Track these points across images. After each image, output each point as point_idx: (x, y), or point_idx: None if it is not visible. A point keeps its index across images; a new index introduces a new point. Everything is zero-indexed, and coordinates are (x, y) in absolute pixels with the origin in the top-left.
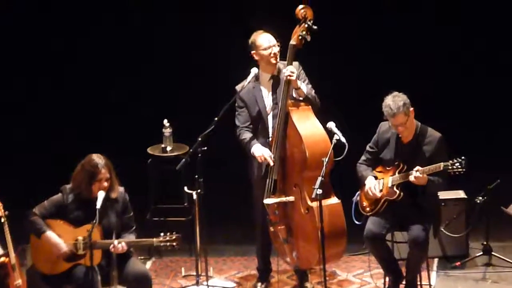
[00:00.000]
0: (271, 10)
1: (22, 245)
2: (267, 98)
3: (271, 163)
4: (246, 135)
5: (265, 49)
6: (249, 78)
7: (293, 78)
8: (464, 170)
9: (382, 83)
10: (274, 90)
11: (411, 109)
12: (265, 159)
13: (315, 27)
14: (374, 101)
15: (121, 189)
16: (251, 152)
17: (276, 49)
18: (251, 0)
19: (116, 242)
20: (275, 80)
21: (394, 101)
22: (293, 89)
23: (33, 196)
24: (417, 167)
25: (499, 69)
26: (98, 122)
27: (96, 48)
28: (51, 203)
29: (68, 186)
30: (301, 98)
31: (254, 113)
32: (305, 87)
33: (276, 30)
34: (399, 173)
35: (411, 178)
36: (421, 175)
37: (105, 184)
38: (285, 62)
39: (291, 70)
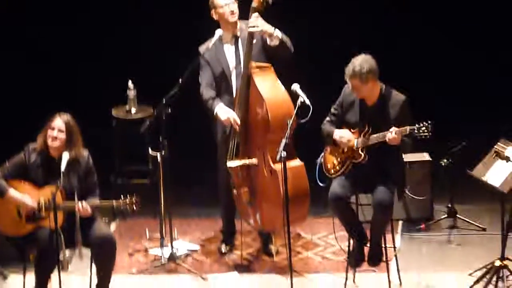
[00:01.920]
0: None
1: None
2: (230, 57)
3: (237, 127)
4: (210, 95)
5: (221, 6)
6: (214, 39)
7: (257, 29)
8: (430, 134)
9: (353, 43)
10: (236, 49)
11: (373, 79)
12: (230, 122)
13: None
14: (340, 62)
15: (85, 152)
16: (215, 112)
17: (234, 6)
18: None
19: (79, 204)
20: (238, 39)
21: (359, 63)
22: (268, 37)
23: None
24: (393, 128)
25: (473, 36)
26: (64, 83)
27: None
28: (13, 162)
29: (32, 145)
30: (276, 43)
31: (218, 72)
32: (279, 31)
33: None
34: (363, 135)
35: (388, 137)
36: (397, 136)
37: (57, 134)
38: (247, 21)
39: (253, 22)
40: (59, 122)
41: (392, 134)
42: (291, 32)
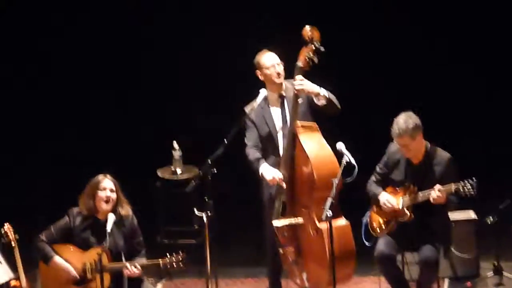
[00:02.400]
0: (279, 30)
1: (32, 269)
2: (276, 117)
3: (283, 185)
4: (255, 156)
5: (268, 68)
6: (258, 100)
7: (304, 88)
8: (475, 191)
9: (395, 102)
10: (282, 109)
11: (420, 135)
12: (275, 181)
13: (322, 49)
14: (385, 120)
15: (130, 212)
16: (260, 173)
17: (280, 68)
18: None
19: (128, 264)
20: (283, 99)
21: (404, 121)
22: (314, 97)
23: (42, 220)
24: (438, 186)
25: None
26: (109, 143)
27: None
28: (58, 227)
29: (75, 209)
30: (324, 102)
31: (264, 133)
32: (324, 90)
33: (285, 49)
34: (409, 194)
35: (432, 196)
36: (441, 195)
37: (109, 194)
38: (293, 81)
39: (299, 81)
40: (109, 182)
41: (436, 193)
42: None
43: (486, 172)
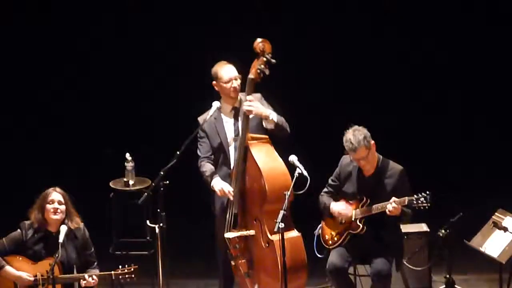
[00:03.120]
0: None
1: None
2: (229, 129)
3: (231, 198)
4: (207, 167)
5: (225, 82)
6: (211, 111)
7: (252, 111)
8: (429, 204)
9: (345, 116)
10: (235, 122)
11: (372, 142)
12: (224, 193)
13: (273, 60)
14: (335, 134)
15: (81, 225)
16: (211, 185)
17: (236, 83)
18: (214, 29)
19: (86, 275)
20: (237, 111)
21: (354, 135)
22: (263, 120)
23: None
24: (394, 198)
25: (465, 105)
26: (59, 155)
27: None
28: (9, 239)
29: (27, 222)
30: (271, 127)
31: (216, 144)
32: (275, 115)
33: (240, 61)
34: (361, 206)
35: (388, 208)
36: (397, 206)
37: (57, 205)
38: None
39: (248, 104)
40: (57, 195)
41: (392, 205)
42: (289, 101)
43: (439, 185)
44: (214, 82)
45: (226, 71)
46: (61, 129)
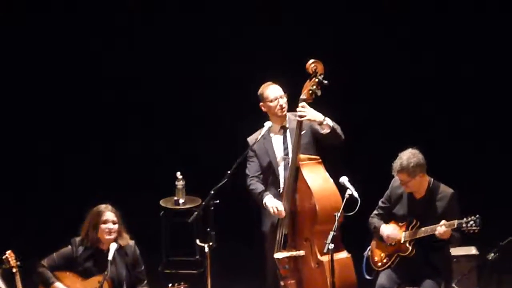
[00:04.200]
0: (284, 63)
1: None
2: (278, 149)
3: (282, 216)
4: (257, 186)
5: (271, 101)
6: (263, 131)
7: (307, 116)
8: (478, 228)
9: (402, 137)
10: (284, 141)
11: (421, 174)
12: (278, 212)
13: (325, 81)
14: (390, 155)
15: (131, 242)
16: (264, 203)
17: (283, 101)
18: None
19: None
20: (286, 130)
21: (407, 158)
22: (318, 125)
23: (44, 247)
24: (443, 221)
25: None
26: (113, 172)
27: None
28: (60, 255)
29: (78, 238)
30: (327, 131)
31: (265, 163)
32: (329, 120)
33: (288, 81)
34: (411, 229)
35: (438, 231)
36: (447, 229)
37: (111, 226)
38: (295, 113)
39: (300, 109)
40: (111, 214)
41: (442, 228)
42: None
43: (489, 209)
44: (261, 103)
45: (271, 91)
46: (114, 144)
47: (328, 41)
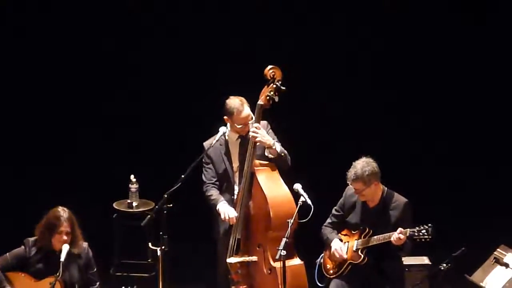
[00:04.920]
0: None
1: None
2: (234, 156)
3: (233, 223)
4: (212, 192)
5: (238, 121)
6: (217, 136)
7: (258, 139)
8: (430, 237)
9: (354, 144)
10: (241, 149)
11: (375, 182)
12: (228, 218)
13: (283, 88)
14: (343, 163)
15: (85, 244)
16: (217, 209)
17: (249, 126)
18: (224, 58)
19: None
20: (243, 139)
21: (361, 167)
22: (266, 148)
23: None
24: (400, 229)
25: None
26: (65, 174)
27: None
28: (13, 255)
29: (31, 239)
30: (273, 156)
31: (220, 170)
32: (279, 146)
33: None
34: (364, 237)
35: (394, 237)
36: (403, 236)
37: (65, 237)
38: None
39: (255, 131)
40: (67, 226)
41: (397, 235)
42: (295, 130)
43: (443, 219)
44: (225, 117)
45: (243, 117)
46: (70, 148)
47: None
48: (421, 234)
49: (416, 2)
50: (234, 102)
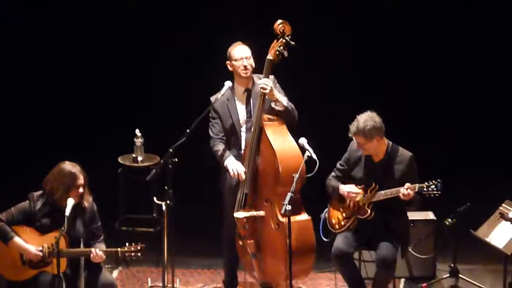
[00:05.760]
0: (252, 23)
1: None
2: (241, 110)
3: (241, 179)
4: (220, 147)
5: (236, 60)
6: (223, 90)
7: (267, 91)
8: (439, 192)
9: (359, 99)
10: (248, 103)
11: (377, 137)
12: (237, 174)
13: (292, 42)
14: (348, 117)
15: (90, 198)
16: (225, 164)
17: (247, 62)
18: (234, 13)
19: (97, 250)
20: (250, 93)
21: (364, 120)
22: (272, 101)
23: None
24: (407, 184)
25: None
26: (71, 129)
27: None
28: (18, 209)
29: (36, 194)
30: (280, 109)
31: (228, 125)
32: (285, 99)
33: (258, 43)
34: (370, 192)
35: (402, 193)
36: (412, 192)
37: (81, 190)
38: (261, 76)
39: (265, 82)
40: (82, 179)
41: (405, 191)
42: (301, 86)
43: (448, 174)
44: (227, 62)
45: (238, 50)
46: (73, 103)
47: None
48: (429, 189)
49: None
50: (232, 44)
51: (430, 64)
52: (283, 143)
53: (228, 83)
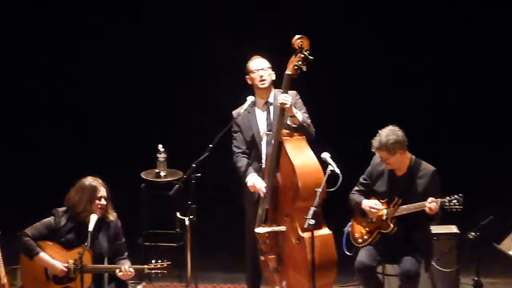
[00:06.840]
0: (272, 38)
1: (12, 265)
2: (261, 123)
3: (261, 194)
4: (242, 163)
5: (253, 72)
6: (245, 105)
7: (287, 105)
8: (461, 207)
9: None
10: (268, 116)
11: (400, 151)
12: (255, 189)
13: (311, 57)
14: (371, 132)
15: (114, 214)
16: (246, 181)
17: (264, 73)
18: (252, 28)
19: (126, 266)
20: (270, 106)
21: (386, 135)
22: (288, 117)
23: (25, 218)
24: (430, 198)
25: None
26: (94, 144)
27: (92, 76)
28: (43, 225)
29: (61, 209)
30: (295, 126)
31: (248, 137)
32: (300, 115)
33: (277, 57)
34: (393, 206)
35: (428, 207)
36: (437, 205)
37: (103, 201)
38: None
39: (283, 98)
40: (104, 191)
41: (430, 204)
42: (323, 101)
43: (471, 188)
44: (247, 76)
45: (254, 63)
46: (97, 119)
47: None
48: (451, 204)
49: None
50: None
51: (451, 78)
52: (303, 158)
53: (250, 98)
